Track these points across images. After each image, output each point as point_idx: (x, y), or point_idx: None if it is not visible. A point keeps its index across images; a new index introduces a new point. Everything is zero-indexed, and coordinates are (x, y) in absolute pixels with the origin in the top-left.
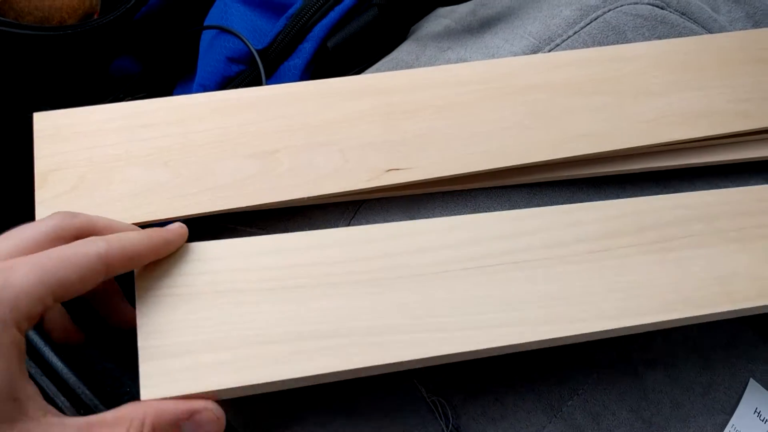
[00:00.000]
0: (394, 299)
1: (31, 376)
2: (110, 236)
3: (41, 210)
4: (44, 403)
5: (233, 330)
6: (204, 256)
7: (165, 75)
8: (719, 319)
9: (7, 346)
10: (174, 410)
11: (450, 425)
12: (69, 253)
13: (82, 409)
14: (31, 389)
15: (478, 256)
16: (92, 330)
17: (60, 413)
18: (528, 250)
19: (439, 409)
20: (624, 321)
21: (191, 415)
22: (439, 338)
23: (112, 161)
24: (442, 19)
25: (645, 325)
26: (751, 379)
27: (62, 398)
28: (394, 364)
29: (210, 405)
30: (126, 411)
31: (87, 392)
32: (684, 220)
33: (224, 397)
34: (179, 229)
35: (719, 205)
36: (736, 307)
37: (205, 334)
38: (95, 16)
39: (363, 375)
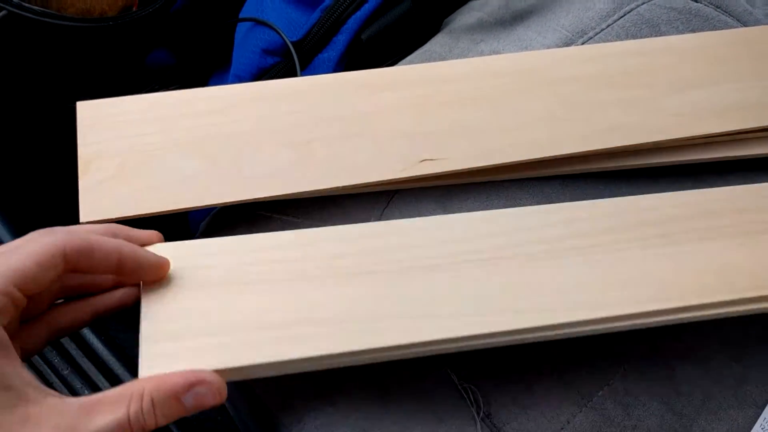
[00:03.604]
0: (391, 289)
1: (72, 357)
2: (78, 228)
3: (85, 196)
4: (43, 387)
5: (234, 316)
6: (209, 251)
7: (200, 67)
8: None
9: None
10: (173, 382)
11: (481, 412)
12: (24, 244)
13: None
14: (27, 375)
15: (469, 251)
16: (131, 315)
17: (60, 395)
18: (519, 245)
19: (470, 395)
20: (619, 309)
21: (191, 386)
22: (431, 325)
23: (152, 149)
24: (474, 11)
25: (641, 314)
26: None
27: (102, 379)
28: (383, 348)
29: (209, 376)
30: (126, 387)
31: (127, 374)
32: (684, 217)
33: (227, 379)
34: (159, 259)
35: (720, 202)
36: (735, 297)
37: (206, 320)
38: (134, 8)
39: (359, 362)
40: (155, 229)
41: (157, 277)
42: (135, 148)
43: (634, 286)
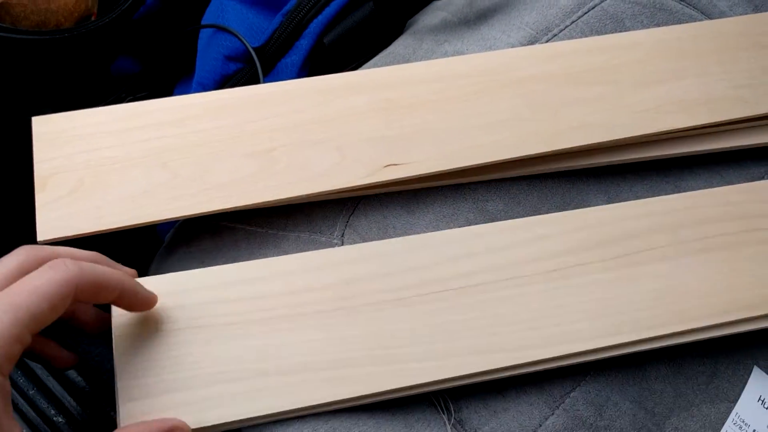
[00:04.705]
0: (355, 330)
1: (38, 378)
2: (83, 262)
3: (42, 215)
4: None
5: (207, 367)
6: (178, 287)
7: (165, 74)
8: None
9: None
10: (156, 428)
11: (452, 418)
12: (38, 284)
13: (89, 410)
14: (16, 427)
15: (433, 280)
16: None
17: None
18: (484, 272)
19: (441, 403)
20: (565, 348)
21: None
22: (391, 371)
23: (110, 164)
24: (438, 11)
25: (586, 351)
26: (755, 367)
27: (69, 398)
28: (353, 398)
29: (181, 423)
30: None
31: (95, 395)
32: (647, 231)
33: None
34: (151, 294)
35: (684, 210)
36: (686, 327)
37: (181, 372)
38: (93, 18)
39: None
40: (122, 237)
41: (145, 309)
42: (93, 162)
43: (597, 318)
